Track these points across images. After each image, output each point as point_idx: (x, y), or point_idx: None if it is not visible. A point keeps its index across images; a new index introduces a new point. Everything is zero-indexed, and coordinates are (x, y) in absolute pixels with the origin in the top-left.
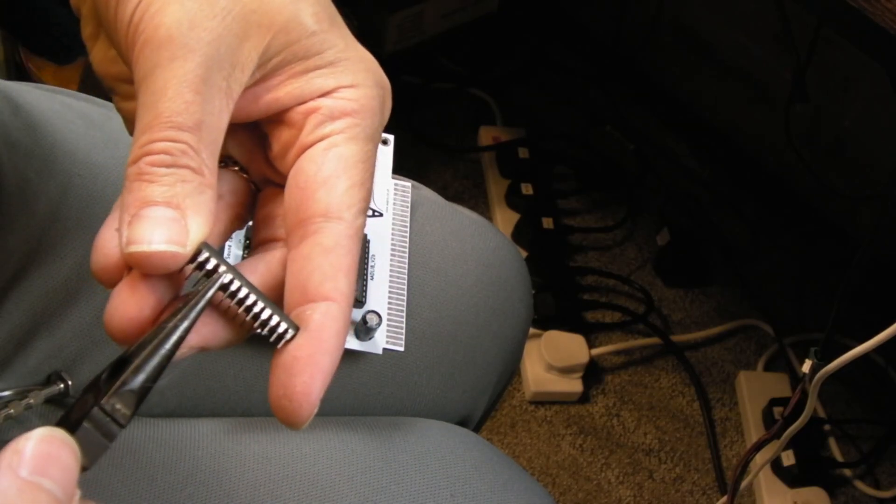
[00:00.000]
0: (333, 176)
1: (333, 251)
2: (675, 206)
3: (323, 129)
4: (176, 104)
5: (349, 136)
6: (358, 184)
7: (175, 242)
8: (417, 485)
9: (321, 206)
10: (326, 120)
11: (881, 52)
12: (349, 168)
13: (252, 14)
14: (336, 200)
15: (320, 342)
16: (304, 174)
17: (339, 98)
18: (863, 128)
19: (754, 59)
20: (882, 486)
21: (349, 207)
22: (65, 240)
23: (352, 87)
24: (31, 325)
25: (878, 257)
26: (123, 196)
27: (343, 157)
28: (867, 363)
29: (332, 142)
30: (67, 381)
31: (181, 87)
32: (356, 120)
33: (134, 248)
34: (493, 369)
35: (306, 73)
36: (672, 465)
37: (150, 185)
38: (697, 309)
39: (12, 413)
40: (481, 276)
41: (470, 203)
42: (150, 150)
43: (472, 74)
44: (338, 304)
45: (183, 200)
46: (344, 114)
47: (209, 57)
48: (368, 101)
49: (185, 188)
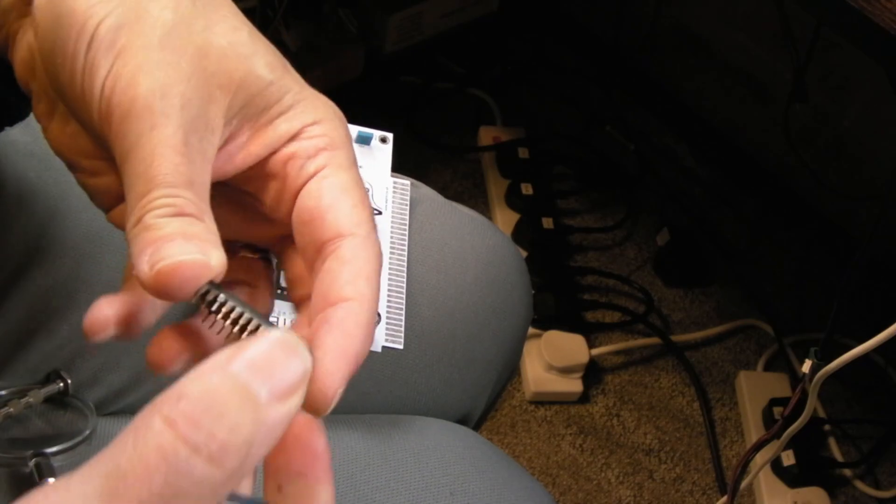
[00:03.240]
0: (336, 201)
1: (351, 261)
2: (675, 206)
3: (307, 169)
4: (166, 167)
5: (334, 167)
6: (360, 203)
7: (203, 253)
8: (417, 483)
9: (332, 229)
10: (306, 161)
11: (881, 52)
12: (347, 191)
13: (212, 77)
14: (345, 220)
15: (342, 333)
16: (307, 210)
17: (309, 137)
18: (863, 128)
19: (754, 59)
20: (882, 486)
21: (359, 224)
22: (64, 239)
23: (315, 123)
24: (30, 324)
25: (878, 257)
26: (130, 248)
27: (337, 183)
28: (867, 363)
29: (321, 175)
30: (67, 380)
31: (167, 152)
32: (333, 152)
33: (163, 263)
34: (493, 368)
35: (270, 122)
36: (672, 465)
37: (155, 230)
38: (697, 309)
39: (11, 411)
40: (480, 275)
41: (470, 203)
42: (151, 206)
43: (472, 74)
44: (357, 301)
45: (192, 233)
46: (319, 150)
47: (185, 121)
48: (336, 132)
49: (195, 229)
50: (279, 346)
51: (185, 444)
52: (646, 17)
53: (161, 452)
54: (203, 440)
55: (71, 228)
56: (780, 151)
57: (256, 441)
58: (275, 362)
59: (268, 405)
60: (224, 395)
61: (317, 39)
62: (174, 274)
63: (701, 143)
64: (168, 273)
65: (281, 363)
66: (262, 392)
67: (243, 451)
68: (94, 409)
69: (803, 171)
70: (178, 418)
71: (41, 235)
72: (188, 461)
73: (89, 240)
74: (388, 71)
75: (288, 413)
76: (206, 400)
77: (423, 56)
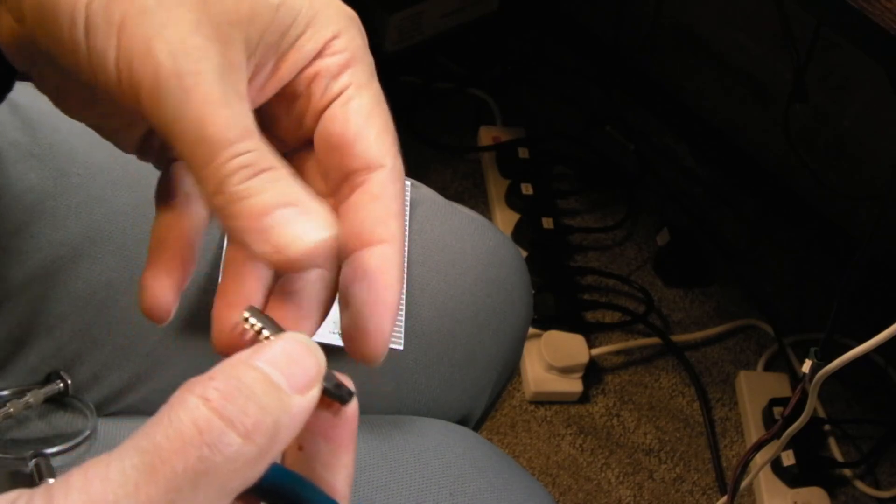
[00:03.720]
0: (361, 129)
1: (381, 197)
2: (675, 206)
3: (332, 90)
4: (219, 125)
5: (357, 86)
6: (384, 128)
7: (326, 227)
8: (417, 483)
9: (360, 159)
10: (330, 80)
11: (881, 52)
12: (371, 117)
13: (220, 17)
14: (373, 151)
15: (382, 287)
16: (334, 136)
17: (332, 53)
18: (863, 128)
19: (754, 59)
20: (882, 486)
21: (386, 154)
22: (64, 239)
23: (336, 37)
24: (30, 325)
25: (878, 257)
26: (227, 222)
27: (361, 108)
28: (867, 363)
29: (345, 97)
30: (67, 380)
31: (214, 109)
32: (355, 68)
33: (293, 249)
34: (493, 368)
35: (292, 44)
36: (672, 465)
37: (251, 199)
38: (697, 309)
39: (11, 412)
40: (481, 275)
41: (470, 203)
42: (227, 171)
43: (472, 74)
44: (391, 244)
45: (291, 196)
46: (342, 67)
47: (213, 72)
48: (355, 42)
49: (282, 185)
50: (295, 345)
51: (221, 417)
52: (646, 17)
53: (196, 426)
54: (237, 415)
55: (71, 228)
56: (780, 151)
57: (282, 425)
58: (292, 359)
59: (290, 395)
60: (251, 381)
61: None
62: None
63: (701, 143)
64: (301, 258)
65: (298, 360)
66: (283, 383)
67: (272, 431)
68: (94, 410)
69: (803, 171)
70: (212, 394)
71: (41, 235)
72: (222, 435)
73: (89, 239)
74: (388, 71)
75: (308, 405)
76: (235, 382)
77: (423, 56)
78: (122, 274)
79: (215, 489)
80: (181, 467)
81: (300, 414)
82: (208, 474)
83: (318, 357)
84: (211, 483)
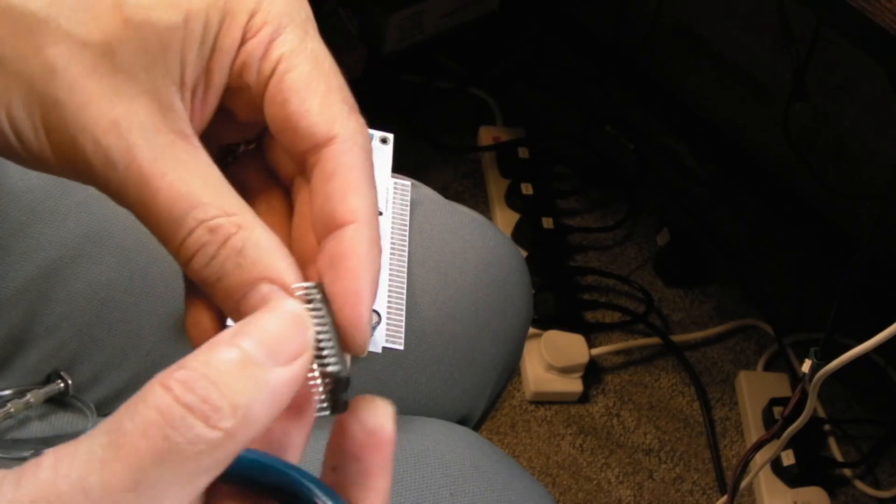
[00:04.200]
0: (302, 104)
1: (336, 174)
2: (675, 206)
3: (264, 72)
4: (163, 194)
5: (289, 55)
6: (327, 92)
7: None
8: (417, 483)
9: (308, 140)
10: (259, 63)
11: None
12: (310, 84)
13: (135, 68)
14: (318, 126)
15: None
16: (276, 118)
17: (254, 34)
18: (863, 128)
19: (754, 59)
20: (882, 486)
21: (333, 120)
22: (64, 239)
23: (253, 14)
24: (30, 325)
25: (878, 257)
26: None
27: (298, 79)
28: (867, 363)
29: (279, 73)
30: (67, 380)
31: (154, 178)
32: (283, 36)
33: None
34: (493, 368)
35: (213, 47)
36: (672, 465)
37: (219, 283)
38: (697, 309)
39: (12, 412)
40: (481, 275)
41: (470, 203)
42: (186, 253)
43: (472, 74)
44: (355, 224)
45: (259, 269)
46: (268, 43)
47: (142, 139)
48: (275, 9)
49: (248, 256)
50: (281, 316)
51: (180, 404)
52: (646, 16)
53: (158, 410)
54: (196, 402)
55: (71, 229)
56: (780, 151)
57: (257, 403)
58: (277, 329)
59: (269, 369)
60: (222, 361)
61: None
62: None
63: (701, 143)
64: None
65: (283, 331)
66: (261, 357)
67: (242, 415)
68: (94, 410)
69: (803, 171)
70: (173, 383)
71: (41, 235)
72: (184, 418)
73: (89, 240)
74: (389, 71)
75: (292, 377)
76: (202, 367)
77: (423, 56)
78: (122, 274)
79: (181, 470)
80: (144, 446)
81: (281, 389)
82: (173, 454)
83: (305, 330)
84: (176, 463)
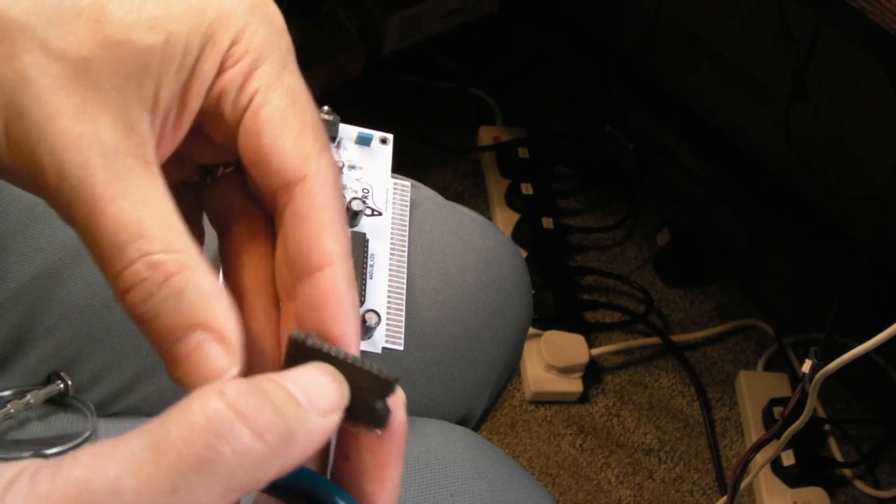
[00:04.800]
0: (276, 140)
1: (308, 216)
2: (675, 206)
3: (241, 102)
4: (106, 224)
5: (266, 88)
6: (301, 129)
7: (223, 370)
8: (417, 484)
9: (280, 177)
10: (237, 93)
11: (881, 52)
12: (285, 120)
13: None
14: (290, 163)
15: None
16: (249, 151)
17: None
18: (862, 128)
19: (754, 59)
20: (882, 486)
21: (307, 158)
22: (64, 239)
23: (235, 42)
24: (30, 325)
25: (878, 257)
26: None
27: (273, 114)
28: (867, 363)
29: (255, 106)
30: (67, 381)
31: (101, 204)
32: (262, 68)
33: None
34: (493, 368)
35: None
36: (672, 465)
37: (157, 322)
38: (697, 309)
39: (12, 412)
40: (481, 275)
41: (470, 203)
42: (123, 287)
43: (472, 74)
44: (329, 267)
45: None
46: (247, 74)
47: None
48: (258, 38)
49: (187, 299)
50: (321, 373)
51: (233, 409)
52: (646, 17)
53: (206, 416)
54: (249, 410)
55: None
56: (780, 151)
57: (298, 435)
58: (316, 384)
59: (309, 413)
60: (271, 389)
61: (317, 39)
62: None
63: (701, 143)
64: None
65: (322, 385)
66: (304, 401)
67: (285, 435)
68: (94, 411)
69: (803, 171)
70: (229, 389)
71: (41, 235)
72: (232, 427)
73: None
74: (388, 71)
75: (326, 428)
76: (255, 386)
77: (423, 56)
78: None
79: (221, 481)
80: (186, 452)
81: (317, 432)
82: (214, 463)
83: (342, 387)
84: (216, 473)
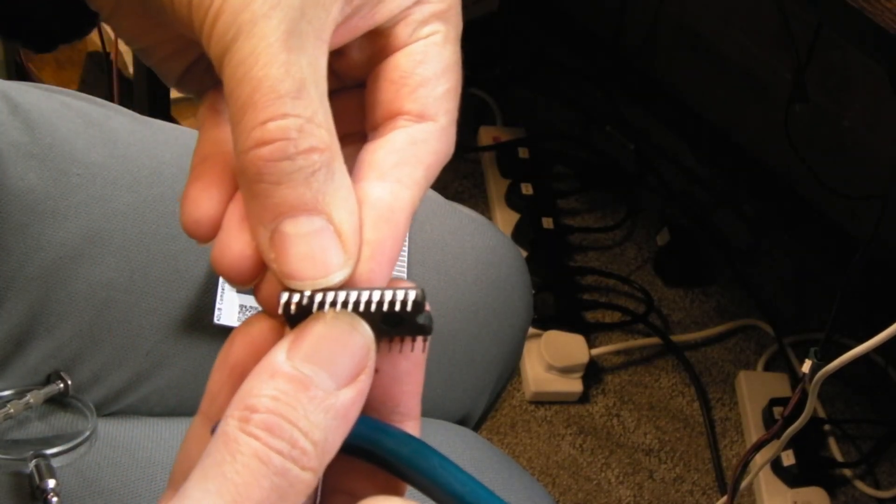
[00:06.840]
0: (434, 76)
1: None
2: (675, 206)
3: (419, 33)
4: (273, 69)
5: (444, 37)
6: (454, 88)
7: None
8: None
9: (418, 105)
10: (418, 26)
11: (881, 52)
12: (447, 70)
13: None
14: (434, 102)
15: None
16: (401, 69)
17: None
18: (863, 128)
19: (754, 59)
20: (882, 486)
21: (446, 112)
22: (64, 239)
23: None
24: (30, 325)
25: (878, 257)
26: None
27: (442, 58)
28: (867, 363)
29: (430, 41)
30: (67, 381)
31: (273, 49)
32: (447, 25)
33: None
34: (493, 368)
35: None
36: (672, 465)
37: (279, 189)
38: (697, 309)
39: (12, 412)
40: (481, 275)
41: (470, 203)
42: (263, 138)
43: (472, 74)
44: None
45: (324, 198)
46: (434, 17)
47: (292, 7)
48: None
49: (318, 180)
50: (334, 331)
51: (274, 451)
52: (646, 16)
53: (259, 459)
54: (286, 448)
55: (71, 229)
56: (780, 151)
57: (331, 434)
58: (333, 349)
59: (335, 394)
60: (290, 395)
61: None
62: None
63: (701, 143)
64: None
65: (339, 348)
66: (326, 384)
67: (319, 449)
68: (94, 410)
69: (803, 171)
70: (258, 431)
71: (41, 235)
72: (283, 465)
73: (89, 240)
74: None
75: (358, 394)
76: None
77: None
78: (122, 274)
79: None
80: (259, 497)
81: (350, 409)
82: (282, 499)
83: (364, 334)
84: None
